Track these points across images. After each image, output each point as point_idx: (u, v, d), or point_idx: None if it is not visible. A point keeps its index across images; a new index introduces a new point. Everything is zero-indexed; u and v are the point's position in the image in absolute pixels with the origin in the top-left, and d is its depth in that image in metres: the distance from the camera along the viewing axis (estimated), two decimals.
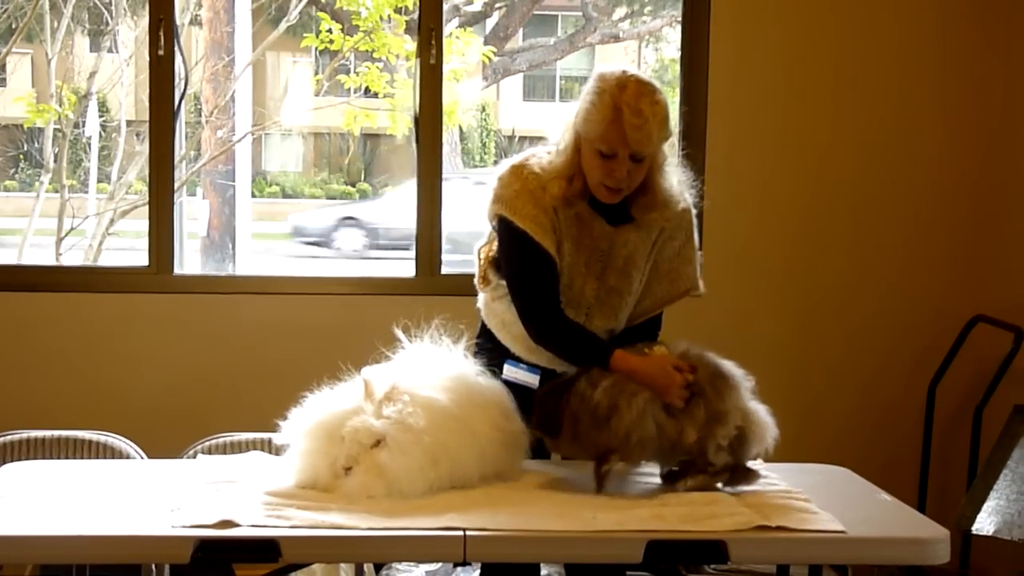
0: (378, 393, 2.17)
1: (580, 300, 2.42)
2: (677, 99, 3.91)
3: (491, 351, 2.51)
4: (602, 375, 2.25)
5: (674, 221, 2.46)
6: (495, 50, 6.73)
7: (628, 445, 2.19)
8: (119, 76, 6.03)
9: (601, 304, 2.43)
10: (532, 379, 2.47)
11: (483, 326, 2.56)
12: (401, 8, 5.70)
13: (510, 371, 2.49)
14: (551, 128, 2.48)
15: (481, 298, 2.57)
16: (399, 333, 2.32)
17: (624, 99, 2.27)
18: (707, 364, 2.29)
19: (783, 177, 3.93)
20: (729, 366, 2.31)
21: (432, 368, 2.27)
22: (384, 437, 2.13)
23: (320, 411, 2.20)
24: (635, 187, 2.37)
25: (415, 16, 3.89)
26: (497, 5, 7.43)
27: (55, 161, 5.73)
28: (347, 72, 6.27)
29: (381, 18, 5.74)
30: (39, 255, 5.82)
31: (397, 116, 6.06)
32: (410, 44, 5.53)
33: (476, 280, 2.55)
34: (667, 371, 2.26)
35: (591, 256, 2.41)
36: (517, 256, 2.39)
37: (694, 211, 2.52)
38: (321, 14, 5.89)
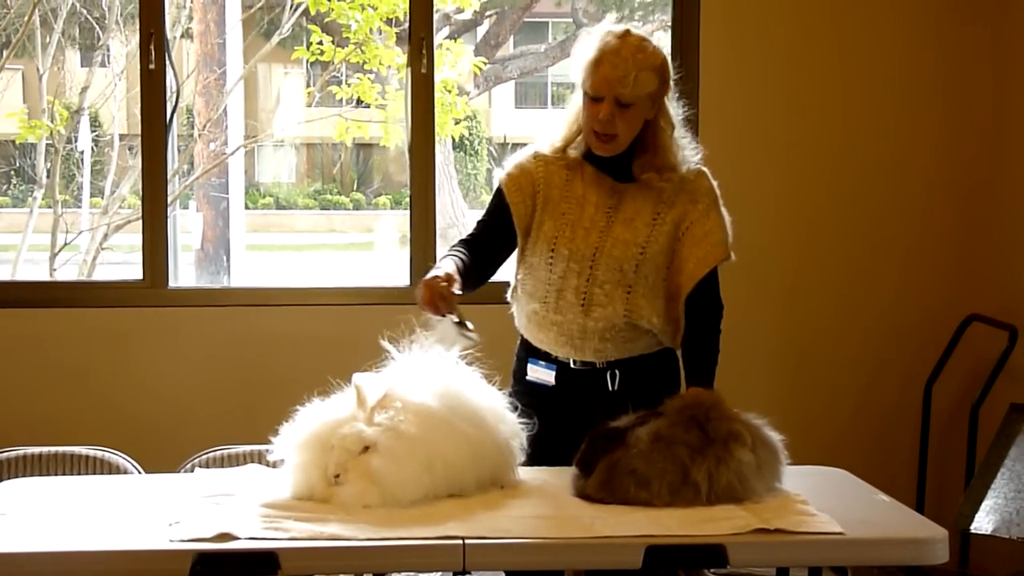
0: (370, 400, 2.17)
1: (584, 252, 2.48)
2: None
3: (522, 359, 2.60)
4: (649, 433, 2.21)
5: (691, 184, 2.53)
6: (485, 61, 6.74)
7: (650, 502, 2.17)
8: (111, 90, 6.03)
9: (606, 255, 2.47)
10: (548, 375, 2.54)
11: (522, 337, 2.63)
12: (392, 20, 5.70)
13: (532, 371, 2.57)
14: (542, 134, 2.61)
15: (514, 306, 2.63)
16: (393, 342, 2.32)
17: (607, 43, 2.43)
18: (757, 431, 2.28)
19: (775, 181, 3.94)
20: (778, 443, 2.31)
21: (425, 375, 2.27)
22: (374, 444, 2.12)
23: (312, 423, 2.20)
24: (626, 140, 2.47)
25: (406, 27, 3.90)
26: (487, 13, 7.44)
27: (48, 176, 5.73)
28: (339, 84, 6.27)
29: (371, 30, 5.75)
30: (33, 271, 5.81)
31: (389, 128, 6.07)
32: (401, 57, 5.54)
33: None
34: (432, 272, 2.38)
35: (597, 211, 2.50)
36: (490, 204, 2.62)
37: (714, 182, 2.56)
38: (312, 27, 5.89)
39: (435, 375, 2.28)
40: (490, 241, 2.59)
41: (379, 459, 2.12)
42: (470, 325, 2.37)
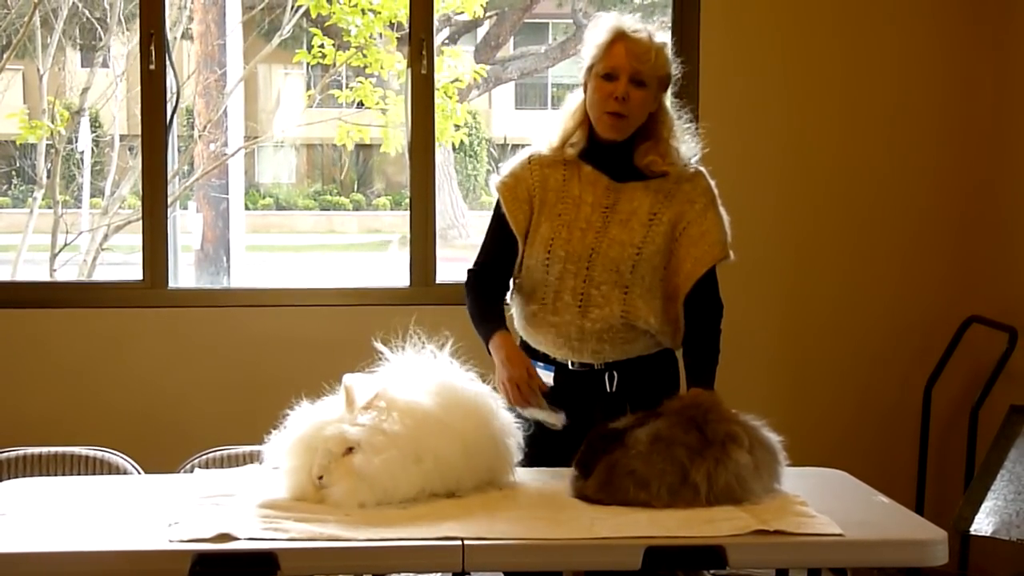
0: (359, 401, 2.18)
1: (580, 252, 2.48)
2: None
3: None
4: (648, 434, 2.21)
5: (688, 183, 2.54)
6: (486, 68, 6.74)
7: (649, 503, 2.18)
8: (111, 91, 6.03)
9: (602, 256, 2.47)
10: (547, 377, 2.53)
11: (520, 338, 2.63)
12: (393, 24, 5.71)
13: None
14: (539, 135, 2.61)
15: (512, 307, 2.64)
16: (389, 343, 2.33)
17: (624, 23, 2.48)
18: (755, 433, 2.28)
19: (775, 182, 3.94)
20: (776, 444, 2.31)
21: (418, 375, 2.28)
22: (358, 443, 2.13)
23: (301, 426, 2.20)
24: (635, 124, 2.49)
25: (407, 31, 3.90)
26: (488, 14, 7.44)
27: (48, 177, 5.73)
28: (340, 87, 6.28)
29: (371, 35, 5.75)
30: (33, 271, 5.82)
31: (389, 132, 6.07)
32: (401, 62, 5.54)
33: None
34: (510, 368, 2.40)
35: (593, 212, 2.50)
36: (491, 217, 2.62)
37: (711, 181, 2.57)
38: (313, 30, 5.89)
39: (429, 375, 2.28)
40: (501, 261, 2.59)
41: (361, 456, 2.13)
42: (555, 410, 2.43)
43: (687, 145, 2.58)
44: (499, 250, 2.59)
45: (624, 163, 2.52)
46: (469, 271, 2.64)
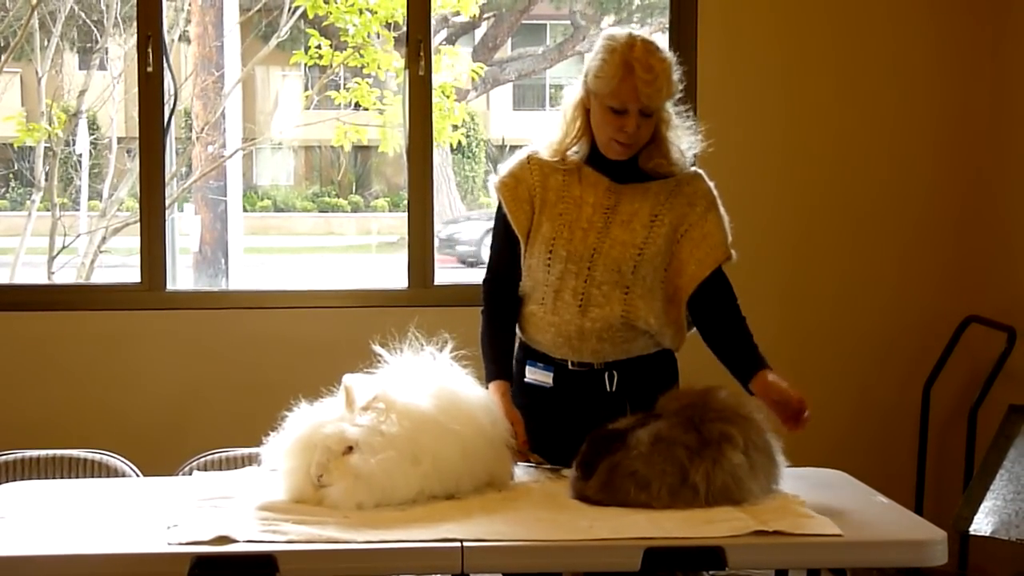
0: (359, 401, 2.18)
1: (582, 252, 2.48)
2: None
3: (520, 361, 2.59)
4: (649, 435, 2.21)
5: (688, 186, 2.54)
6: (483, 67, 6.75)
7: (650, 504, 2.18)
8: (109, 93, 6.04)
9: (604, 256, 2.47)
10: (546, 377, 2.53)
11: (520, 339, 2.63)
12: (390, 24, 5.71)
13: (530, 372, 2.56)
14: (538, 137, 2.60)
15: None
16: (388, 345, 2.33)
17: (634, 55, 2.40)
18: (751, 433, 2.28)
19: (773, 183, 3.94)
20: (773, 444, 2.30)
21: (417, 377, 2.28)
22: (356, 443, 2.13)
23: (300, 428, 2.20)
24: (644, 143, 2.49)
25: (404, 31, 3.90)
26: (485, 15, 7.45)
27: (46, 179, 5.74)
28: (337, 88, 6.28)
29: (369, 35, 5.76)
30: (31, 274, 5.82)
31: (387, 132, 6.08)
32: (399, 61, 5.55)
33: None
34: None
35: (594, 212, 2.50)
36: (494, 222, 2.62)
37: (711, 183, 2.57)
38: (310, 30, 5.90)
39: (428, 377, 2.28)
40: (512, 265, 2.57)
41: (360, 456, 2.13)
42: (544, 463, 2.45)
43: (687, 140, 2.58)
44: (508, 254, 2.58)
45: (626, 166, 2.52)
46: (483, 282, 2.63)
